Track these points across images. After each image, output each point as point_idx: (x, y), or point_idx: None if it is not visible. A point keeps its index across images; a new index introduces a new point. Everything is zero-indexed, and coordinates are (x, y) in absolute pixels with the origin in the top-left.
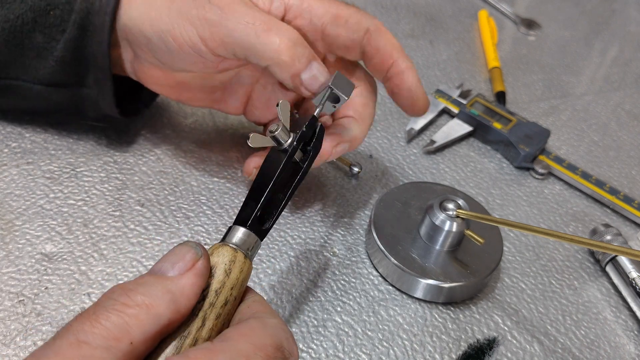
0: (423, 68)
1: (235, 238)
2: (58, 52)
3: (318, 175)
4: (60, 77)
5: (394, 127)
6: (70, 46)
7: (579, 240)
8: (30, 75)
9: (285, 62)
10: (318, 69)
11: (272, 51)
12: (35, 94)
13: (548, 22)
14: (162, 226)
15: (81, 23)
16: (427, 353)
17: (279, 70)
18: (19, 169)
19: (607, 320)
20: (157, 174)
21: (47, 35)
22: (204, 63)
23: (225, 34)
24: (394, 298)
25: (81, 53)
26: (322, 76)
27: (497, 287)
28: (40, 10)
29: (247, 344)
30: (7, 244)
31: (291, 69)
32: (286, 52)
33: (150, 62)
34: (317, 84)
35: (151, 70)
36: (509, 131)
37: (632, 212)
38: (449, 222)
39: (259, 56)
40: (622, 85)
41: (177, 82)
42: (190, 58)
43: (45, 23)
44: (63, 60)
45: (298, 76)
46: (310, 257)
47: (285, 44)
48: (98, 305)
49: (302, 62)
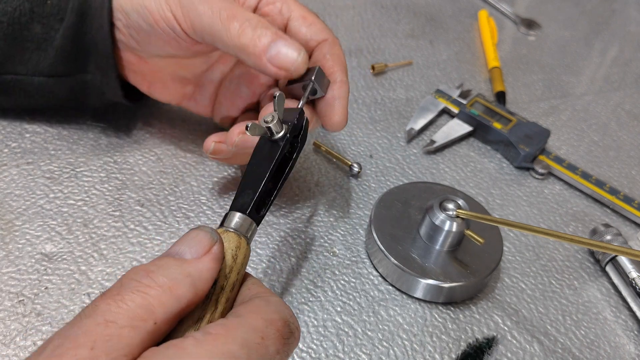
0: (423, 68)
1: (237, 224)
2: (57, 41)
3: (318, 175)
4: (61, 66)
5: (394, 127)
6: (69, 34)
7: (579, 240)
8: (30, 68)
9: (246, 44)
10: (284, 44)
11: (234, 36)
12: (36, 87)
13: (548, 22)
14: (162, 226)
15: (79, 9)
16: (427, 353)
17: (244, 55)
18: (19, 168)
19: (607, 320)
20: (157, 174)
21: (45, 25)
22: (178, 42)
23: (195, 16)
24: (394, 298)
25: (81, 40)
26: (291, 51)
27: (497, 287)
28: (36, 0)
29: (258, 319)
30: (7, 244)
31: (254, 49)
32: (246, 35)
33: (126, 44)
34: (287, 60)
35: (125, 54)
36: (509, 131)
37: (632, 212)
38: (449, 222)
39: (224, 42)
40: (622, 85)
41: (150, 69)
42: (165, 36)
43: (42, 13)
44: (63, 49)
45: (263, 56)
46: (310, 257)
47: (244, 27)
48: (121, 285)
49: (263, 41)
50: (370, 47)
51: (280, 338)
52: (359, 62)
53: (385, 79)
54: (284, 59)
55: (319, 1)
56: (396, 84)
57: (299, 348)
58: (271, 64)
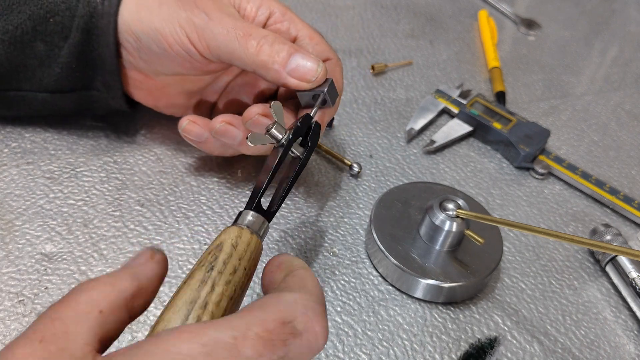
0: (423, 68)
1: (242, 219)
2: (63, 58)
3: (318, 175)
4: (66, 83)
5: (394, 127)
6: (75, 51)
7: (579, 240)
8: (34, 85)
9: (265, 60)
10: (303, 57)
11: (251, 54)
12: (41, 102)
13: (548, 22)
14: (162, 226)
15: (85, 27)
16: (427, 353)
17: (263, 70)
18: (19, 169)
19: (607, 320)
20: (157, 174)
21: (49, 43)
22: (191, 64)
23: (210, 38)
24: (394, 298)
25: (87, 57)
26: (310, 62)
27: (497, 287)
28: (39, 18)
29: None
30: (7, 244)
31: (273, 65)
32: (264, 51)
33: (133, 64)
34: (308, 71)
35: (132, 72)
36: (509, 131)
37: (632, 212)
38: (449, 222)
39: (242, 60)
40: (622, 85)
41: (156, 86)
42: (179, 58)
43: (45, 31)
44: (69, 66)
45: (283, 69)
46: (310, 257)
47: (261, 44)
48: (70, 291)
49: (282, 55)
50: (370, 47)
51: (266, 340)
52: (359, 62)
53: (385, 79)
54: (304, 71)
55: (319, 1)
56: (396, 84)
57: None
58: (291, 76)
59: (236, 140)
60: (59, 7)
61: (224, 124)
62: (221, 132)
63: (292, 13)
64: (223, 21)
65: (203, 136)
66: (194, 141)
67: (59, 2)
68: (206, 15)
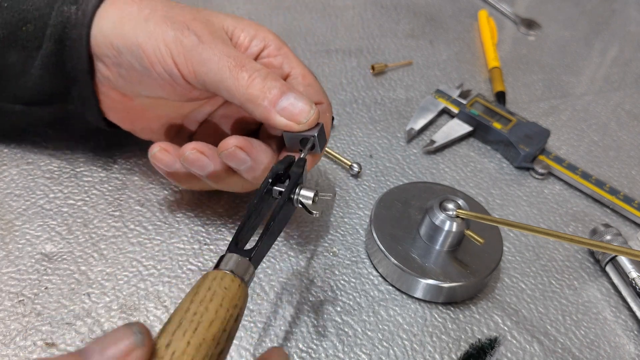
0: (423, 68)
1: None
2: (36, 69)
3: (318, 175)
4: (41, 95)
5: (394, 127)
6: (47, 62)
7: (578, 240)
8: (10, 96)
9: (256, 95)
10: (295, 98)
11: (242, 86)
12: (18, 114)
13: (548, 22)
14: (162, 226)
15: (57, 37)
16: (427, 353)
17: (252, 105)
18: (19, 169)
19: (607, 320)
20: (157, 174)
21: (22, 53)
22: (173, 88)
23: (198, 62)
24: (394, 298)
25: (61, 69)
26: (302, 104)
27: (497, 287)
28: (12, 26)
29: None
30: (7, 244)
31: (263, 101)
32: (256, 85)
33: (111, 81)
34: (299, 113)
35: (109, 91)
36: (509, 131)
37: (632, 212)
38: (448, 222)
39: (231, 92)
40: (622, 85)
41: (134, 108)
42: (160, 80)
43: (18, 39)
44: (42, 78)
45: (273, 108)
46: (310, 257)
47: (254, 78)
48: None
49: (274, 92)
50: (370, 47)
51: None
52: (359, 62)
53: (385, 79)
54: (295, 112)
55: (319, 1)
56: (396, 84)
57: (298, 348)
58: (281, 115)
59: (205, 170)
60: (32, 15)
61: (195, 151)
62: (190, 160)
63: (287, 48)
64: (215, 46)
65: (173, 166)
66: (162, 170)
67: (33, 10)
68: (197, 38)
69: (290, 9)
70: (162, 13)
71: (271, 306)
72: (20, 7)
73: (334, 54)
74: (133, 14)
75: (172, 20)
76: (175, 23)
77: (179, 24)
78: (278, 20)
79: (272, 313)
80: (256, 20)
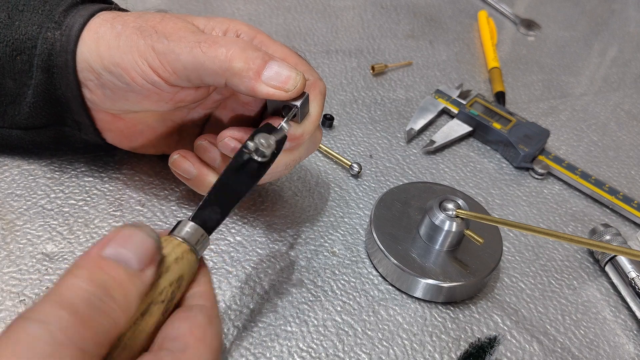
0: (423, 68)
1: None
2: (29, 97)
3: (318, 175)
4: (37, 121)
5: (394, 127)
6: (39, 90)
7: (578, 240)
8: (7, 121)
9: (240, 67)
10: (279, 65)
11: (222, 62)
12: (16, 139)
13: (547, 23)
14: (162, 226)
15: (45, 66)
16: (426, 352)
17: (236, 79)
18: (20, 169)
19: (606, 320)
20: (157, 174)
21: (17, 81)
22: (159, 95)
23: (173, 59)
24: (394, 298)
25: (52, 96)
26: (287, 71)
27: (497, 286)
28: (6, 56)
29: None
30: (8, 244)
31: (248, 72)
32: (237, 57)
33: (98, 104)
34: (285, 79)
35: (98, 113)
36: (509, 131)
37: (631, 212)
38: (448, 222)
39: (212, 72)
40: (621, 85)
41: (127, 126)
42: (144, 91)
43: (13, 69)
44: (36, 105)
45: (259, 77)
46: (310, 257)
47: (233, 50)
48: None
49: (257, 62)
50: (370, 47)
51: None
52: (359, 63)
53: (385, 79)
54: (282, 79)
55: (319, 1)
56: (396, 84)
57: (298, 348)
58: (267, 85)
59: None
60: (24, 44)
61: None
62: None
63: (263, 35)
64: (184, 38)
65: (192, 173)
66: (182, 177)
67: (25, 40)
68: (165, 38)
69: (290, 10)
70: (132, 25)
71: (271, 306)
72: (13, 36)
73: (334, 54)
74: (107, 34)
75: (141, 29)
76: (144, 31)
77: (148, 30)
78: (278, 21)
79: (272, 312)
80: (257, 21)
